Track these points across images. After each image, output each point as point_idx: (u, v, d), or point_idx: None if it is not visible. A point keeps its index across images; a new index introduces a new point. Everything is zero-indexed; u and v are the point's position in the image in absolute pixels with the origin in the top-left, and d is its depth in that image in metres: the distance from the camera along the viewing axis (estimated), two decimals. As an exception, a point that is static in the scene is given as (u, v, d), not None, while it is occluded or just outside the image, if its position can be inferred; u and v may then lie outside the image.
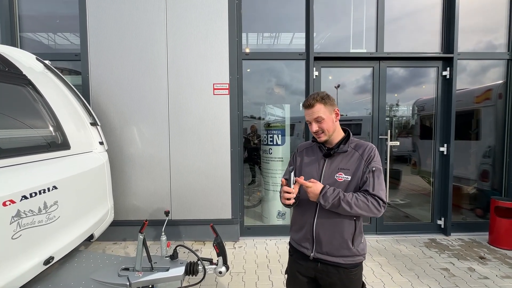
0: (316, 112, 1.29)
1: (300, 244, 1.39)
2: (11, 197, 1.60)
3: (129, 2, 3.23)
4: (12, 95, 2.12)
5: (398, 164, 4.20)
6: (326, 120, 1.30)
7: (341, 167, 1.30)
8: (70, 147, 2.40)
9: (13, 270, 1.59)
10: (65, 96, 2.72)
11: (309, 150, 1.44)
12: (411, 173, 4.44)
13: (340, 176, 1.29)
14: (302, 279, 1.40)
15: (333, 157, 1.33)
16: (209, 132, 3.34)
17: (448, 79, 3.52)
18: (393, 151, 3.86)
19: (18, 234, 1.63)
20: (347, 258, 1.29)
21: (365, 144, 1.33)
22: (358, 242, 1.32)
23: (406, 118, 4.16)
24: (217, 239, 1.91)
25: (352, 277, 1.31)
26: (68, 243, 2.04)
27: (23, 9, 3.48)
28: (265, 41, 3.79)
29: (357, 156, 1.30)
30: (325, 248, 1.30)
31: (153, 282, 1.79)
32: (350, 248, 1.29)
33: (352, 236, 1.29)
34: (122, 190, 3.36)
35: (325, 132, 1.31)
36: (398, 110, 3.96)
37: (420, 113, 4.13)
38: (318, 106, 1.29)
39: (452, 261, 2.93)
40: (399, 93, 3.83)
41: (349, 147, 1.33)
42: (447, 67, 3.51)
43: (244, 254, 3.12)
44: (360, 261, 1.33)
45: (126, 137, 3.32)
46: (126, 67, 3.28)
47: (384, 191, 1.27)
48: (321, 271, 1.32)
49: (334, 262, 1.29)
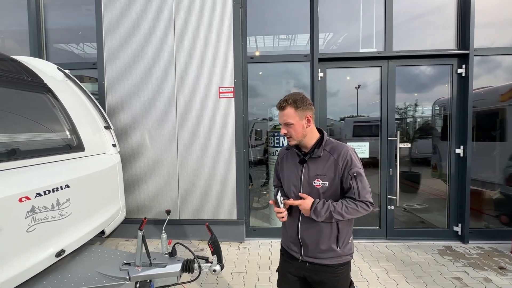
0: (285, 116, 1.28)
1: (289, 248, 1.43)
2: (26, 194, 1.77)
3: (140, 12, 3.43)
4: (33, 102, 2.34)
5: (417, 167, 3.98)
6: (295, 125, 1.28)
7: (318, 173, 1.30)
8: (85, 149, 2.59)
9: (28, 260, 1.76)
10: (82, 102, 2.94)
11: (289, 155, 1.45)
12: (431, 176, 4.22)
13: (317, 182, 1.30)
14: (292, 278, 1.43)
15: (310, 163, 1.33)
16: (215, 135, 3.44)
17: (463, 76, 3.32)
18: (413, 153, 3.68)
19: (32, 228, 1.80)
20: (333, 259, 1.32)
21: (340, 148, 1.31)
22: (344, 243, 1.33)
23: (425, 119, 3.92)
24: (212, 238, 1.97)
25: (339, 275, 1.33)
26: (79, 238, 2.21)
27: (48, 22, 3.83)
28: (281, 43, 3.78)
29: (332, 161, 1.29)
30: (311, 253, 1.34)
31: (151, 277, 1.89)
32: (335, 250, 1.31)
33: (336, 239, 1.30)
34: (134, 190, 3.55)
35: (293, 137, 1.31)
36: (415, 110, 3.75)
37: (441, 113, 3.90)
38: (288, 110, 1.27)
39: (466, 270, 2.76)
40: (411, 93, 3.67)
41: (324, 151, 1.31)
42: (462, 64, 3.32)
43: (248, 255, 3.16)
44: (347, 260, 1.35)
45: (138, 140, 3.52)
46: (138, 74, 3.48)
47: (369, 192, 1.28)
48: (309, 270, 1.35)
49: (321, 263, 1.32)
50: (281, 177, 1.48)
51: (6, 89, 2.13)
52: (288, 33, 3.71)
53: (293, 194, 1.35)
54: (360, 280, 2.61)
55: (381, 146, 3.49)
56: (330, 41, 3.66)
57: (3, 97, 2.09)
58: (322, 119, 3.51)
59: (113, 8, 3.47)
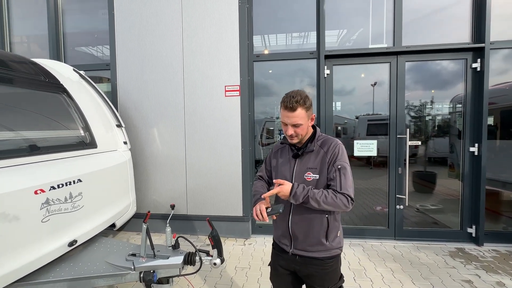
0: (296, 117, 1.25)
1: (280, 241, 1.45)
2: (41, 187, 1.91)
3: (149, 15, 3.55)
4: (50, 101, 2.50)
5: (433, 166, 3.80)
6: (303, 126, 1.29)
7: (309, 166, 1.32)
8: (97, 146, 2.74)
9: (42, 248, 1.90)
10: (96, 101, 3.10)
11: (282, 151, 1.48)
12: (448, 176, 4.05)
13: (308, 175, 1.32)
14: (283, 272, 1.46)
15: (302, 157, 1.36)
16: (221, 133, 3.50)
17: (479, 71, 3.17)
18: (429, 152, 3.55)
19: (47, 219, 1.94)
20: (322, 252, 1.33)
21: (330, 141, 1.34)
22: (333, 237, 1.34)
23: (442, 116, 3.71)
24: (213, 232, 2.02)
25: (328, 268, 1.34)
26: (90, 230, 2.34)
27: (66, 27, 4.05)
28: (294, 41, 3.73)
29: (322, 154, 1.32)
30: (301, 245, 1.35)
31: (154, 268, 1.97)
32: (324, 244, 1.32)
33: (326, 232, 1.32)
34: (144, 186, 3.69)
35: (299, 136, 1.33)
36: (430, 107, 3.57)
37: (459, 110, 3.71)
38: (299, 111, 1.25)
39: (478, 273, 2.65)
40: (423, 90, 3.53)
41: (316, 146, 1.34)
42: (477, 58, 3.17)
43: (252, 251, 3.20)
44: (336, 253, 1.36)
45: (147, 137, 3.65)
46: (147, 74, 3.61)
47: (352, 187, 1.27)
48: (299, 263, 1.38)
49: (310, 256, 1.34)
50: (272, 170, 1.50)
51: (26, 90, 2.30)
52: (298, 31, 3.66)
53: None
54: (364, 279, 2.58)
55: (389, 144, 3.41)
56: (344, 38, 3.59)
57: (23, 97, 2.26)
58: (329, 116, 3.47)
59: (125, 12, 3.62)
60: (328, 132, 3.47)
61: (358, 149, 3.48)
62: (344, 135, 3.71)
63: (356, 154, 3.49)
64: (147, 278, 1.92)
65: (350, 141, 3.56)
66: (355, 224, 3.56)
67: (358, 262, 2.92)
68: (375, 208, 3.57)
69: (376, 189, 3.60)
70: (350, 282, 2.53)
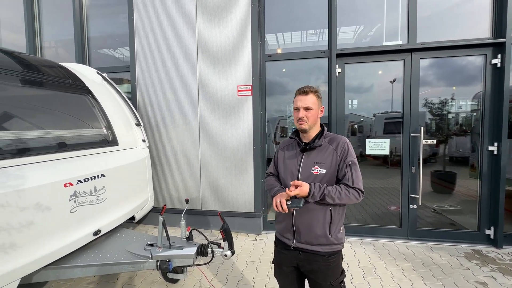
0: (308, 100, 1.39)
1: (283, 235, 1.51)
2: (69, 181, 2.10)
3: (166, 19, 3.72)
4: (76, 102, 2.72)
5: (454, 166, 3.60)
6: (313, 111, 1.41)
7: (317, 161, 1.39)
8: (118, 144, 2.93)
9: (70, 236, 2.09)
10: (117, 102, 3.30)
11: (290, 146, 1.56)
12: (469, 177, 3.92)
13: (316, 169, 1.38)
14: (287, 269, 1.51)
15: (310, 152, 1.43)
16: (233, 131, 3.61)
17: (499, 67, 3.05)
18: (451, 151, 3.44)
19: (74, 209, 2.13)
20: (324, 247, 1.38)
21: (338, 139, 1.42)
22: (336, 231, 1.39)
23: (462, 114, 3.56)
24: (224, 226, 2.13)
25: (330, 264, 1.39)
26: (112, 221, 2.53)
27: (90, 31, 4.32)
28: (309, 38, 3.73)
29: (331, 150, 1.39)
30: (304, 238, 1.41)
31: (170, 257, 2.12)
32: (327, 236, 1.37)
33: (329, 225, 1.37)
34: (161, 182, 3.89)
35: (308, 122, 1.40)
36: (449, 105, 3.42)
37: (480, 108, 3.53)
38: (311, 96, 1.40)
39: (494, 276, 2.58)
40: (441, 87, 3.42)
41: (324, 142, 1.42)
42: (497, 54, 3.05)
43: (263, 246, 3.30)
44: (338, 249, 1.41)
45: (164, 135, 3.84)
46: (164, 75, 3.79)
47: (361, 181, 1.35)
48: (302, 259, 1.43)
49: (312, 250, 1.39)
50: (278, 165, 1.58)
51: (55, 92, 2.52)
52: (312, 28, 3.66)
53: (290, 178, 1.44)
54: (373, 277, 2.60)
55: (403, 143, 3.36)
56: (361, 34, 3.56)
57: (53, 98, 2.47)
58: (340, 114, 3.48)
59: (143, 16, 3.81)
60: (340, 130, 3.48)
61: (370, 147, 3.46)
62: (359, 133, 3.67)
63: (368, 152, 3.47)
64: (163, 266, 2.07)
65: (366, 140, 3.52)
66: (367, 223, 3.55)
67: (368, 260, 2.93)
68: (389, 208, 3.54)
69: (392, 188, 3.55)
70: (359, 279, 2.56)
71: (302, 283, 1.56)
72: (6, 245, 1.68)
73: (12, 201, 1.73)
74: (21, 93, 2.23)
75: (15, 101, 2.14)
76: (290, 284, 1.53)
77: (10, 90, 2.13)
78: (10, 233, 1.70)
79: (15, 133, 1.96)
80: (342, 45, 3.48)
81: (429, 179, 3.47)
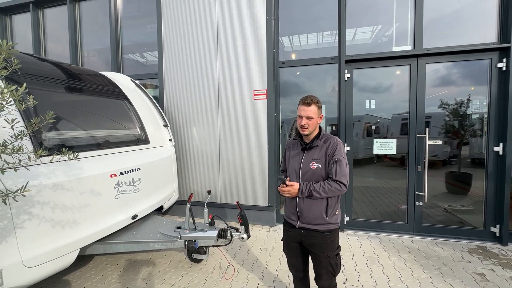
0: (310, 111, 1.70)
1: (289, 217, 1.86)
2: (114, 172, 2.54)
3: (190, 30, 4.14)
4: (116, 107, 3.18)
5: (469, 168, 3.59)
6: (314, 119, 1.72)
7: (314, 157, 1.72)
8: (149, 142, 3.38)
9: (115, 218, 2.53)
10: (148, 106, 3.75)
11: (294, 146, 1.89)
12: (482, 178, 3.97)
13: (313, 164, 1.71)
14: (293, 244, 1.86)
15: (309, 150, 1.75)
16: (250, 132, 3.96)
17: (504, 71, 3.17)
18: (471, 153, 3.50)
19: (118, 196, 2.57)
20: (322, 226, 1.71)
21: (331, 139, 1.73)
22: (331, 214, 1.71)
23: (473, 116, 3.52)
24: (241, 212, 2.48)
25: (327, 239, 1.72)
26: (146, 208, 2.96)
27: (124, 40, 4.85)
28: (325, 39, 3.93)
29: (324, 148, 1.71)
30: (305, 219, 1.74)
31: (195, 238, 2.50)
32: (324, 218, 1.69)
33: (325, 209, 1.69)
34: (184, 177, 4.32)
35: (309, 128, 1.73)
36: (457, 107, 3.48)
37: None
38: (313, 107, 1.71)
39: (493, 268, 2.73)
40: (448, 89, 3.55)
41: (320, 142, 1.73)
42: (503, 58, 3.17)
43: (276, 236, 3.61)
44: (333, 228, 1.73)
45: (188, 135, 4.27)
46: (188, 81, 4.22)
47: (345, 175, 1.65)
48: (304, 235, 1.77)
49: (312, 228, 1.73)
50: (285, 162, 1.91)
51: (99, 98, 2.99)
52: (328, 30, 3.89)
53: (295, 172, 1.77)
54: (376, 265, 2.84)
55: (409, 143, 3.55)
56: (378, 34, 3.73)
57: (99, 104, 2.95)
58: (349, 118, 3.72)
59: (170, 29, 4.26)
60: (348, 131, 3.72)
61: (377, 147, 3.67)
62: (375, 134, 3.77)
63: (376, 152, 3.69)
64: (190, 245, 2.46)
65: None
66: (374, 218, 3.76)
67: (373, 251, 3.16)
68: (399, 207, 3.70)
69: (403, 188, 3.68)
70: (362, 266, 2.81)
71: (305, 256, 1.89)
72: (71, 221, 2.13)
73: (75, 187, 2.18)
74: (79, 99, 2.72)
75: (76, 107, 2.62)
76: (296, 257, 1.87)
77: (71, 98, 2.61)
78: (73, 212, 2.15)
79: (76, 133, 2.43)
80: (355, 46, 3.70)
81: (444, 180, 3.59)
